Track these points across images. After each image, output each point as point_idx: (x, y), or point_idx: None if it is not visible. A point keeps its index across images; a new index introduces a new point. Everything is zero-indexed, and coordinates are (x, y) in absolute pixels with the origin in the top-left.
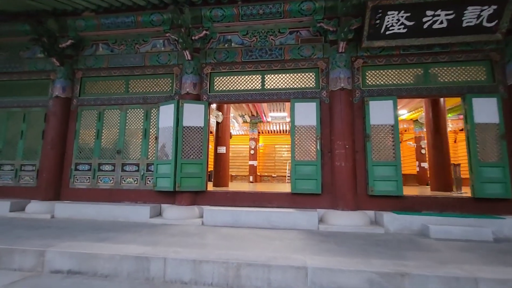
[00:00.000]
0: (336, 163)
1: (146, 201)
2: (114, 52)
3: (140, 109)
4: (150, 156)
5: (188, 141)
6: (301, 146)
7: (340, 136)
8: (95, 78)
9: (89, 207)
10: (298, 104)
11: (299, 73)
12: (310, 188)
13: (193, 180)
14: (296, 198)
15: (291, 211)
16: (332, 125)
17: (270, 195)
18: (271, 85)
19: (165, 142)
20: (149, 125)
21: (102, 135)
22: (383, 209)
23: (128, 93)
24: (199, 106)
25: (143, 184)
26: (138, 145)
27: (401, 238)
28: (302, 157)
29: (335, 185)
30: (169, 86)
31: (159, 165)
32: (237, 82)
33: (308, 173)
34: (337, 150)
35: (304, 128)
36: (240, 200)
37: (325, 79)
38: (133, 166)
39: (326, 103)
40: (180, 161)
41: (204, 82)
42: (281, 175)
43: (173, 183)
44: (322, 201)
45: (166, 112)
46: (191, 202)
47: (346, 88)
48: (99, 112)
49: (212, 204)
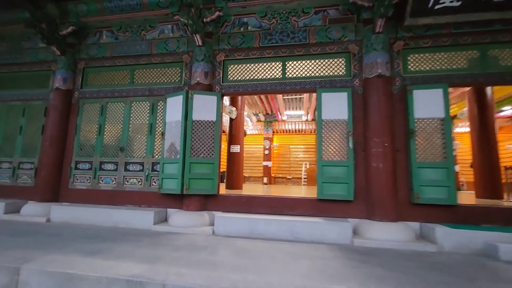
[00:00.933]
0: (372, 164)
1: (151, 204)
2: (118, 39)
3: (146, 102)
4: (156, 155)
5: (198, 137)
6: (329, 143)
7: (377, 132)
8: (98, 68)
9: (87, 210)
10: (325, 95)
11: (326, 59)
12: (340, 194)
13: (203, 182)
14: (323, 205)
15: (318, 221)
16: (366, 119)
17: (292, 201)
18: (294, 73)
19: (172, 139)
20: (155, 120)
21: (104, 130)
22: (431, 221)
23: (133, 84)
24: (211, 98)
25: (147, 185)
26: (143, 142)
27: (462, 259)
28: (331, 157)
29: (371, 190)
30: (177, 76)
31: (165, 165)
32: (254, 70)
33: (337, 176)
34: (373, 149)
35: (332, 123)
36: (257, 206)
37: (357, 65)
38: (137, 165)
39: (359, 93)
40: (189, 160)
41: (216, 71)
42: (296, 176)
43: (180, 185)
44: (355, 209)
45: (173, 105)
46: (201, 207)
47: (384, 74)
48: (101, 106)
49: (224, 210)
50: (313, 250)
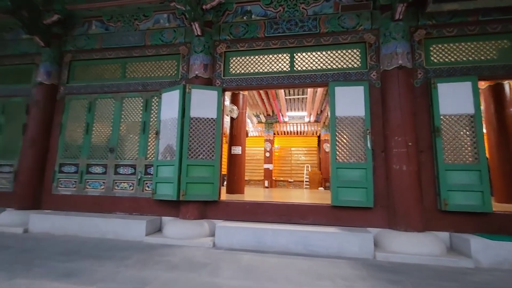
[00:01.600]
0: (394, 166)
1: (144, 212)
2: (109, 30)
3: (139, 98)
4: (150, 156)
5: (196, 137)
6: (344, 143)
7: (399, 130)
8: (86, 61)
9: (70, 219)
10: (339, 89)
11: (339, 50)
12: (357, 200)
13: (202, 186)
14: (339, 212)
15: (335, 232)
16: (386, 116)
17: (303, 208)
18: (303, 65)
19: (167, 138)
20: (149, 117)
21: (92, 129)
22: (462, 230)
23: (125, 79)
24: (210, 93)
25: (140, 190)
26: (135, 142)
27: (508, 278)
28: (346, 158)
29: (393, 196)
30: (174, 69)
31: (160, 167)
32: (258, 62)
33: (354, 180)
34: (394, 149)
35: (347, 120)
36: (263, 213)
37: (374, 56)
38: (128, 168)
39: (376, 87)
40: (186, 162)
41: (217, 64)
42: (298, 180)
43: (176, 190)
44: (375, 218)
45: (169, 101)
46: (200, 215)
47: (406, 66)
48: (89, 102)
49: (226, 218)
50: (333, 267)
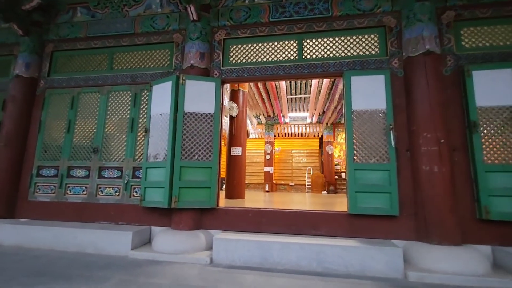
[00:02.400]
0: (423, 167)
1: (131, 221)
2: (95, 17)
3: (127, 92)
4: (138, 157)
5: (191, 134)
6: (362, 141)
7: (427, 126)
8: (70, 52)
9: (46, 230)
10: (356, 79)
11: (355, 35)
12: (380, 207)
13: (198, 191)
14: (357, 221)
15: (355, 245)
16: (411, 109)
17: (315, 217)
18: (313, 53)
19: (158, 136)
20: (138, 113)
21: (75, 127)
22: (507, 243)
23: (112, 71)
24: (208, 84)
25: (127, 196)
26: (122, 141)
27: None
28: (365, 158)
29: (423, 202)
30: (166, 59)
31: (149, 170)
32: (262, 51)
33: (376, 183)
34: (423, 147)
35: (366, 114)
36: (269, 222)
37: (396, 41)
38: (114, 170)
39: (399, 76)
40: (179, 163)
41: (215, 53)
42: (299, 183)
43: (168, 196)
44: (400, 228)
45: (160, 94)
46: (195, 225)
47: (434, 51)
48: (72, 97)
49: (225, 228)
50: None
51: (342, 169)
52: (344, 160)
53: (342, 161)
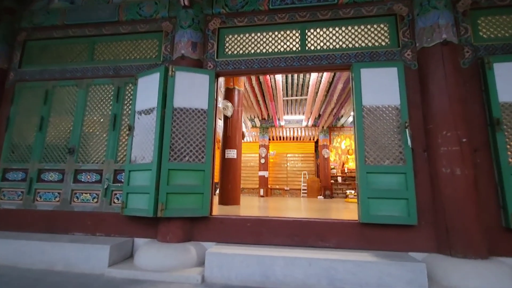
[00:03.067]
0: (443, 170)
1: (111, 232)
2: (75, 3)
3: (109, 85)
4: (121, 158)
5: (181, 133)
6: (374, 140)
7: (447, 123)
8: (45, 41)
9: (8, 244)
10: (366, 72)
11: (363, 25)
12: (396, 215)
13: (189, 198)
14: (370, 231)
15: (370, 260)
16: (428, 105)
17: (322, 226)
18: (317, 44)
19: (143, 134)
20: (121, 109)
21: (48, 125)
22: None
23: (93, 62)
24: (200, 77)
25: (107, 203)
26: (103, 140)
27: None
28: (378, 160)
29: (444, 209)
30: (154, 50)
31: (133, 173)
32: (261, 41)
33: (390, 188)
34: (442, 147)
35: (378, 111)
36: (270, 233)
37: (408, 31)
38: (92, 174)
39: (412, 69)
40: (167, 165)
41: (209, 43)
42: (294, 188)
43: (153, 204)
44: (419, 239)
45: (147, 87)
46: (185, 236)
47: (451, 41)
48: (46, 91)
49: (220, 240)
50: None
51: (338, 173)
52: (340, 164)
53: (338, 165)
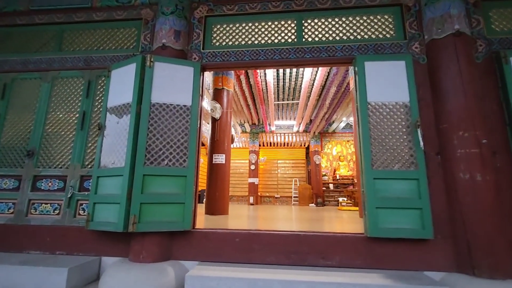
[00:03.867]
0: (460, 175)
1: (73, 249)
2: None
3: (79, 79)
4: (90, 162)
5: (160, 132)
6: (381, 141)
7: (463, 122)
8: (5, 28)
9: None
10: (370, 65)
11: (365, 15)
12: (408, 228)
13: (167, 208)
14: (380, 247)
15: (383, 283)
16: (439, 102)
17: (323, 241)
18: (315, 35)
19: (115, 134)
20: (91, 106)
21: (4, 123)
22: None
23: (61, 52)
24: (184, 69)
25: (70, 215)
26: (69, 142)
27: None
28: (386, 164)
29: (463, 220)
30: (132, 40)
31: (102, 179)
32: (253, 32)
33: (401, 196)
34: (459, 150)
35: (385, 108)
36: (263, 250)
37: (415, 22)
38: (55, 180)
39: (421, 63)
40: (142, 170)
41: (194, 32)
42: (285, 195)
43: (123, 216)
44: (435, 255)
45: (121, 80)
46: (162, 255)
47: (464, 32)
48: (4, 84)
49: (204, 259)
50: None
51: (329, 180)
52: (332, 171)
53: (329, 172)
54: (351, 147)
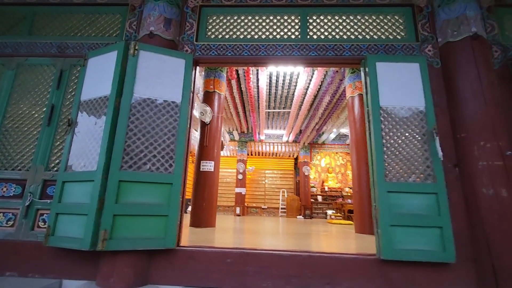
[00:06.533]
0: (483, 190)
1: (29, 271)
2: None
3: (49, 67)
4: (56, 164)
5: (142, 131)
6: (395, 150)
7: (484, 131)
8: None
9: None
10: (382, 67)
11: (374, 15)
12: (427, 249)
13: (147, 222)
14: (395, 271)
15: None
16: (456, 109)
17: (329, 263)
18: (321, 32)
19: (88, 132)
20: (62, 99)
21: None
22: None
23: (30, 37)
24: (174, 61)
25: (27, 227)
26: (32, 139)
27: None
28: (401, 175)
29: (487, 241)
30: (116, 27)
31: (68, 185)
32: (253, 25)
33: (417, 212)
34: (481, 161)
35: (398, 114)
36: (259, 273)
37: (428, 24)
38: (10, 185)
39: (435, 67)
40: (118, 174)
41: (187, 22)
42: (272, 206)
43: (92, 230)
44: (456, 281)
45: (99, 69)
46: (137, 279)
47: (482, 35)
48: None
49: (189, 284)
50: None
51: (317, 192)
52: (320, 182)
53: (317, 184)
54: (339, 159)
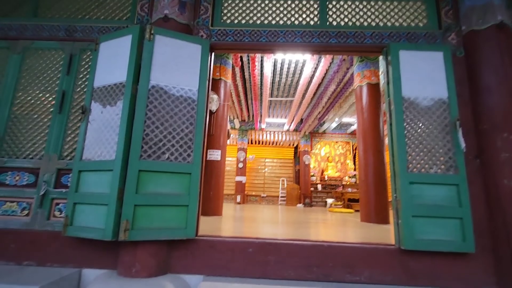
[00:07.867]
0: (504, 182)
1: (47, 260)
2: None
3: (58, 51)
4: (69, 153)
5: (160, 120)
6: (417, 141)
7: (509, 123)
8: None
9: None
10: (405, 55)
11: (395, 0)
12: (447, 240)
13: (168, 212)
14: (415, 261)
15: None
16: (479, 100)
17: (349, 253)
18: (341, 19)
19: (103, 120)
20: (73, 85)
21: None
22: None
23: (36, 19)
24: (190, 47)
25: (43, 217)
26: (43, 127)
27: None
28: (423, 166)
29: (508, 232)
30: (126, 10)
31: (85, 174)
32: (270, 10)
33: (438, 203)
34: (503, 153)
35: (422, 104)
36: (280, 262)
37: (451, 11)
38: (24, 174)
39: (458, 56)
40: (138, 164)
41: (201, 6)
42: (271, 195)
43: (113, 221)
44: (475, 272)
45: (113, 54)
46: (159, 268)
47: (507, 24)
48: None
49: (210, 273)
50: None
51: (317, 181)
52: (319, 171)
53: (317, 173)
54: (339, 148)
